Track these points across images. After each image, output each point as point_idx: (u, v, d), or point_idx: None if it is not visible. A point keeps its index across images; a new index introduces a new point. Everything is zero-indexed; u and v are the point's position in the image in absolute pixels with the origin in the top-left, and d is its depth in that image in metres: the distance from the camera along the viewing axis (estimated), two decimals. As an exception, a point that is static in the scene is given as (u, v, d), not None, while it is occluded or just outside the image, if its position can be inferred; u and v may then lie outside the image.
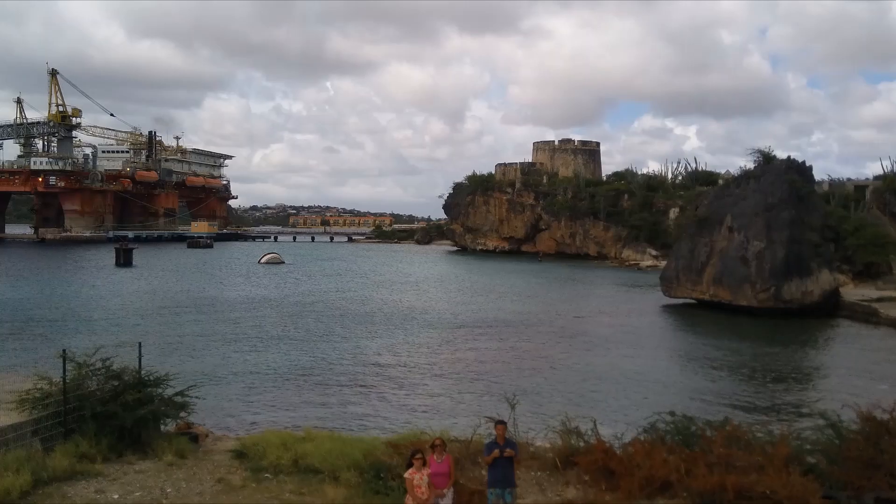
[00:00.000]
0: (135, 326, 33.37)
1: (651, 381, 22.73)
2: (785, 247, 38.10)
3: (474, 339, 31.37)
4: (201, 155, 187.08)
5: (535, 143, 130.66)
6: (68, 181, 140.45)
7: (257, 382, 22.03)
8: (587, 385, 22.02)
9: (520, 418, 11.58)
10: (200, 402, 19.02)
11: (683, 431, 10.66)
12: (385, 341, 30.45)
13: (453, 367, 25.29)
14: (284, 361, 25.59)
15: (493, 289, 54.21)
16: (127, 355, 13.05)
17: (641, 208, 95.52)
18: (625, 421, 16.60)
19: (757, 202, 39.61)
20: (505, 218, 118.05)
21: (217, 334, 31.63)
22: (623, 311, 41.27)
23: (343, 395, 20.68)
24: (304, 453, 10.74)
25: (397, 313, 39.82)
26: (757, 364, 26.29)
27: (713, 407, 19.14)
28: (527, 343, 30.27)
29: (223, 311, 39.32)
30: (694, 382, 23.03)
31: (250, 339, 30.58)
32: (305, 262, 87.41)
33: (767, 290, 37.81)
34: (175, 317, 36.93)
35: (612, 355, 27.30)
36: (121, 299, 44.21)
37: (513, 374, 23.71)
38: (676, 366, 26.05)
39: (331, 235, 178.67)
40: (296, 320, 36.55)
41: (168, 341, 29.24)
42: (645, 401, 19.80)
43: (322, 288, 53.61)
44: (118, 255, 73.02)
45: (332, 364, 25.35)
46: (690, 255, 42.32)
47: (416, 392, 21.38)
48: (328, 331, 33.20)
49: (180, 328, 33.23)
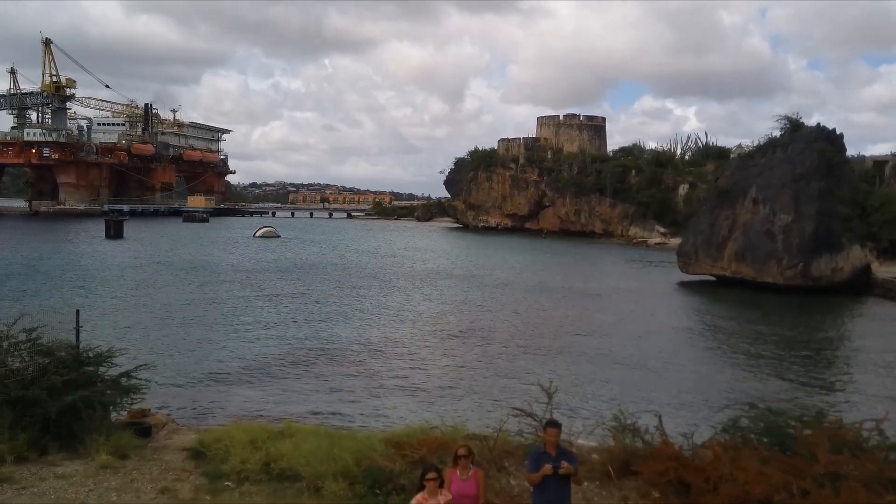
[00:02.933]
0: (90, 295, 30.83)
1: (680, 366, 20.21)
2: (814, 220, 35.43)
3: (483, 316, 28.81)
4: (199, 129, 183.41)
5: (540, 118, 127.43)
6: (62, 153, 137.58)
7: (235, 362, 19.28)
8: (616, 371, 19.22)
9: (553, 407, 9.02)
10: (166, 385, 16.31)
11: (775, 430, 8.13)
12: (385, 316, 27.79)
13: (464, 346, 22.58)
14: (267, 338, 22.80)
15: (498, 265, 51.65)
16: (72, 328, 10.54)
17: (649, 185, 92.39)
18: (671, 414, 14.15)
19: (784, 172, 36.84)
20: (508, 194, 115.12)
21: (194, 306, 28.84)
22: (638, 288, 38.76)
23: (335, 376, 17.88)
24: (280, 454, 8.22)
25: (399, 286, 37.30)
26: (795, 346, 23.74)
27: (757, 394, 16.68)
28: (542, 320, 27.74)
29: (205, 283, 36.60)
30: (728, 366, 20.44)
31: (231, 313, 27.77)
32: (301, 237, 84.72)
33: (795, 266, 35.19)
34: (151, 287, 34.30)
35: (635, 336, 24.74)
36: (96, 268, 41.71)
37: (531, 355, 21.13)
38: (705, 348, 23.42)
39: (329, 212, 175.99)
40: (284, 291, 33.75)
41: (138, 313, 26.66)
42: (680, 388, 17.37)
43: (314, 259, 51.01)
44: (108, 228, 70.87)
45: (323, 340, 22.60)
46: (710, 229, 39.63)
47: (423, 374, 18.61)
48: (320, 303, 30.55)
49: (154, 298, 30.61)
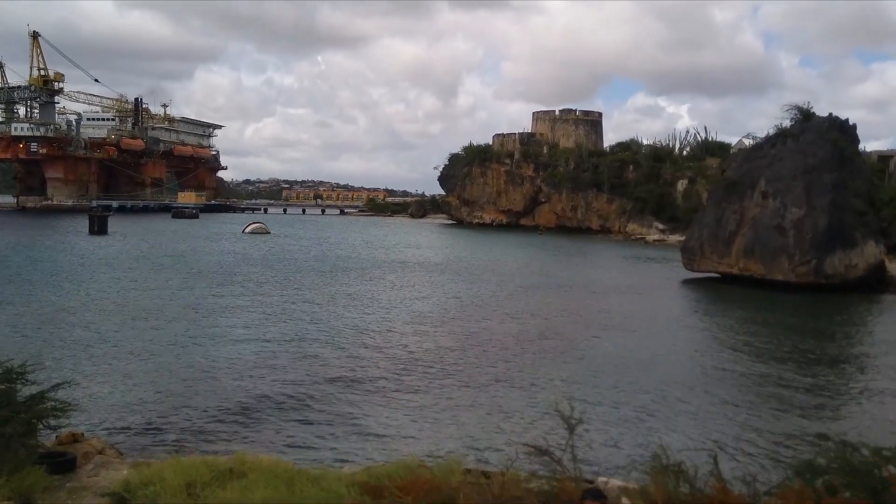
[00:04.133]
0: (58, 292, 28.87)
1: (701, 377, 18.18)
2: (827, 214, 33.66)
3: (482, 316, 26.85)
4: (190, 124, 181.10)
5: (535, 113, 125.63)
6: (50, 148, 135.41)
7: (201, 371, 17.16)
8: (629, 383, 16.76)
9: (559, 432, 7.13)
10: (114, 400, 14.09)
11: (862, 474, 6.31)
12: (367, 320, 25.46)
13: (461, 350, 20.31)
14: (240, 343, 20.47)
15: (494, 262, 49.79)
16: None
17: (647, 180, 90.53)
18: (702, 440, 12.29)
19: (795, 164, 35.06)
20: (503, 190, 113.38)
21: (164, 307, 26.47)
22: (641, 287, 36.89)
23: (306, 396, 15.43)
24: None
25: (386, 282, 35.41)
26: (821, 352, 21.87)
27: (794, 413, 14.86)
28: (542, 323, 25.65)
29: (181, 280, 34.44)
30: (750, 378, 18.31)
31: (203, 314, 25.38)
32: (291, 233, 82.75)
33: (807, 262, 33.43)
34: (121, 284, 32.22)
35: (643, 340, 22.72)
36: (71, 263, 39.72)
37: (537, 361, 19.11)
38: (720, 354, 21.37)
39: (322, 208, 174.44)
40: (264, 291, 31.52)
41: (99, 313, 24.52)
42: (712, 404, 15.46)
43: (301, 256, 49.07)
44: (91, 223, 68.90)
45: (302, 346, 20.53)
46: (716, 224, 37.81)
47: (412, 386, 16.25)
48: (302, 304, 28.38)
49: (122, 295, 28.58)
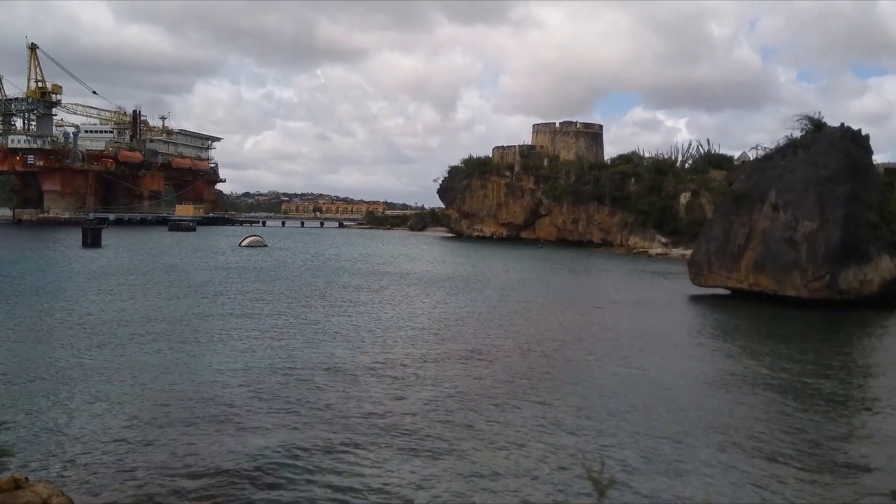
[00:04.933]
0: (37, 306, 27.73)
1: (723, 406, 16.67)
2: (840, 227, 32.33)
3: (477, 336, 25.33)
4: (188, 136, 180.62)
5: (535, 126, 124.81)
6: (48, 160, 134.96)
7: (175, 400, 15.62)
8: (650, 421, 15.01)
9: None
10: (72, 434, 12.86)
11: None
12: (363, 339, 23.76)
13: (462, 374, 18.75)
14: (223, 369, 18.74)
15: (494, 276, 48.50)
16: None
17: (649, 192, 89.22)
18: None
19: (807, 175, 33.78)
20: (503, 203, 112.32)
21: (146, 324, 24.83)
22: (647, 302, 35.50)
23: (296, 419, 14.16)
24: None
25: (382, 302, 34.11)
26: (855, 381, 20.35)
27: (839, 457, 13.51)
28: (546, 342, 23.99)
29: (169, 295, 33.09)
30: (782, 415, 16.47)
31: (186, 333, 23.61)
32: (288, 246, 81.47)
33: (821, 277, 32.07)
34: (106, 298, 30.93)
35: (656, 364, 20.95)
36: (57, 277, 38.52)
37: (546, 389, 17.46)
38: (742, 382, 19.79)
39: (321, 221, 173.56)
40: (254, 309, 29.62)
41: (74, 330, 23.24)
42: (745, 452, 14.05)
43: (296, 270, 47.74)
44: (85, 236, 67.86)
45: (293, 370, 19.20)
46: (724, 237, 36.47)
47: (404, 435, 13.83)
48: (294, 322, 26.77)
49: (104, 312, 27.15)
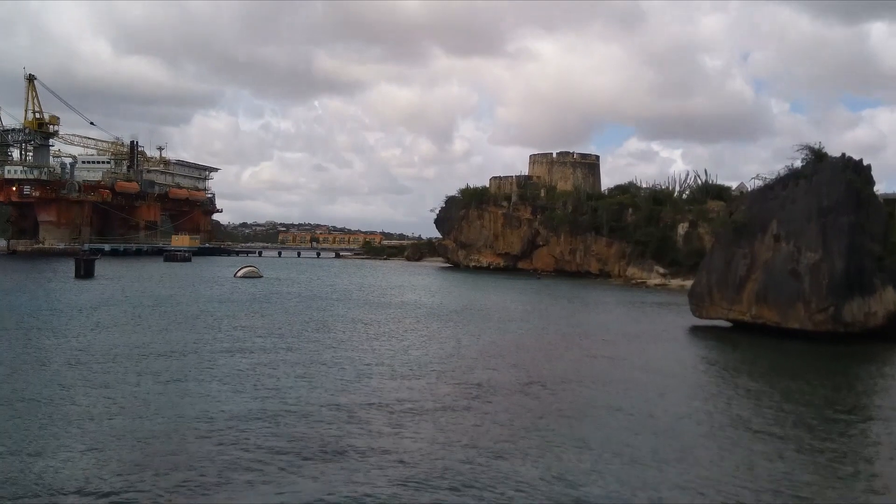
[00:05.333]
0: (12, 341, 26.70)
1: (733, 456, 15.81)
2: (844, 258, 31.71)
3: (477, 370, 24.59)
4: (185, 167, 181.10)
5: (532, 156, 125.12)
6: (43, 191, 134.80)
7: (151, 439, 14.87)
8: (664, 472, 14.07)
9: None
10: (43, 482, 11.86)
11: None
12: (353, 381, 22.53)
13: (457, 421, 17.56)
14: (205, 416, 17.85)
15: (492, 308, 47.74)
16: None
17: (647, 223, 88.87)
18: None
19: (809, 205, 33.22)
20: (500, 233, 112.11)
21: (128, 360, 23.69)
22: (648, 334, 34.68)
23: (280, 470, 13.69)
24: None
25: (377, 337, 33.29)
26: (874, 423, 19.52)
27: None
28: (547, 379, 23.05)
29: (155, 328, 31.99)
30: (798, 454, 16.06)
31: (169, 369, 22.45)
32: (284, 277, 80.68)
33: (825, 309, 31.35)
34: (85, 332, 29.83)
35: (662, 402, 20.00)
36: (43, 309, 37.44)
37: (543, 431, 16.77)
38: (752, 422, 19.15)
39: (317, 251, 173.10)
40: (239, 345, 28.14)
41: (42, 372, 22.43)
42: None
43: (290, 302, 46.89)
44: (77, 267, 66.91)
45: (269, 427, 18.50)
46: (726, 268, 35.79)
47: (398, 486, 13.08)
48: (279, 358, 25.98)
49: (81, 345, 26.05)
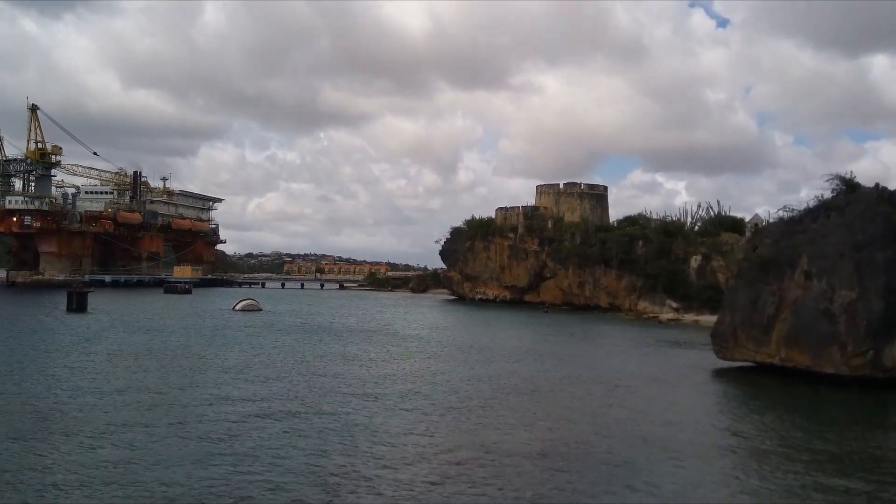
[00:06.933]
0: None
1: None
2: (882, 298, 29.26)
3: (481, 425, 22.27)
4: (189, 197, 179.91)
5: (539, 187, 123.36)
6: (45, 221, 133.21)
7: None
8: None
9: None
10: None
11: None
12: (330, 450, 21.23)
13: (458, 484, 15.97)
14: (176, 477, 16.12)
15: (498, 345, 45.22)
16: None
17: (658, 255, 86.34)
18: None
19: (842, 240, 30.87)
20: (506, 265, 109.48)
21: (95, 411, 21.97)
22: (667, 378, 32.15)
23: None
24: None
25: (371, 385, 30.89)
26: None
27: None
28: (563, 432, 20.86)
29: (140, 370, 29.87)
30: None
31: (154, 420, 20.73)
32: (283, 310, 78.22)
33: (863, 353, 28.81)
34: (59, 374, 27.79)
35: (692, 468, 17.84)
36: (17, 349, 35.15)
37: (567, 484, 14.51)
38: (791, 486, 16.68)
39: (321, 282, 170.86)
40: (226, 393, 26.21)
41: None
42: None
43: (287, 338, 44.50)
44: (70, 300, 64.45)
45: (259, 480, 16.17)
46: (752, 307, 33.32)
47: None
48: (267, 407, 24.09)
49: (56, 390, 24.11)
